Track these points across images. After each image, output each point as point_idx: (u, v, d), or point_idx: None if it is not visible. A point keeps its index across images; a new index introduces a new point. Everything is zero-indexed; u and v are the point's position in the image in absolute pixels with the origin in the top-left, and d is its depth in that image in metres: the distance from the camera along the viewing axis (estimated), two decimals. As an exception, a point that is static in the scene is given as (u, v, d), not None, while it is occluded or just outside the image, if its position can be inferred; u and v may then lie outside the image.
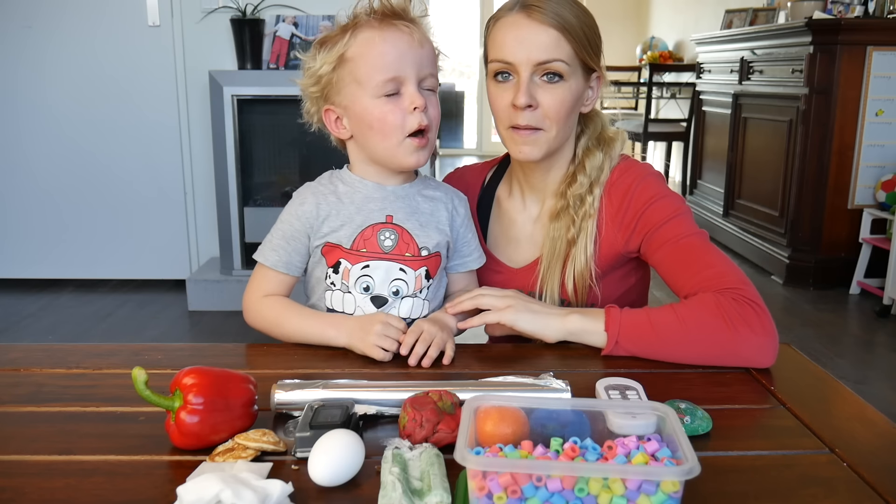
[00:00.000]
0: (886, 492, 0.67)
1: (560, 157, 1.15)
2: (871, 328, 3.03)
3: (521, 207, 1.22)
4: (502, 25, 1.07)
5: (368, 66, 1.01)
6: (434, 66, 1.06)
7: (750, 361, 0.95)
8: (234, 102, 3.04)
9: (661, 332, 0.96)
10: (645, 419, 0.66)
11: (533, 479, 0.56)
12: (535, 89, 1.05)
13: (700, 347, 0.95)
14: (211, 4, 3.16)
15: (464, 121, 8.65)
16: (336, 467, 0.66)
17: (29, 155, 3.32)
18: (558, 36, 1.04)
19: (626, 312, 0.99)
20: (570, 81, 1.06)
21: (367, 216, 1.06)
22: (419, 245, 1.07)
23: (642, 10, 7.17)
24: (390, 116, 1.01)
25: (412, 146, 1.03)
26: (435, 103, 1.05)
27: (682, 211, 1.08)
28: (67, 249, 3.41)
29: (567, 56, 1.04)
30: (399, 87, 1.01)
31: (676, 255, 1.05)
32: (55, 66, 3.24)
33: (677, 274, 1.05)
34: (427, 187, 1.13)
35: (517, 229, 1.22)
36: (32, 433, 0.77)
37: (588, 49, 1.06)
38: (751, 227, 3.91)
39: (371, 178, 1.09)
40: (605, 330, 0.97)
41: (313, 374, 0.92)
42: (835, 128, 3.33)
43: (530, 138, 1.08)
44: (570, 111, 1.08)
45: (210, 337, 2.84)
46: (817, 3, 3.66)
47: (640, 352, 0.97)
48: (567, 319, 1.00)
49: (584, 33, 1.06)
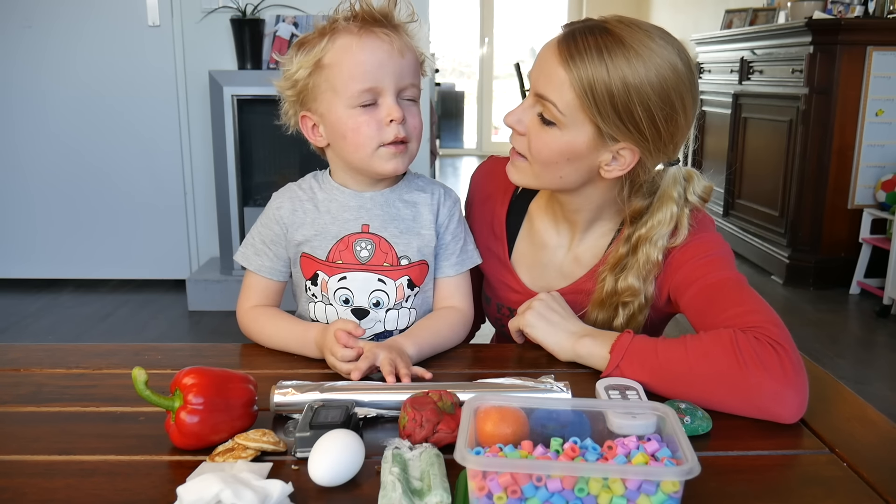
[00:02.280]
0: (886, 492, 0.67)
1: (585, 203, 1.05)
2: (871, 328, 3.03)
3: (553, 231, 1.12)
4: (545, 46, 0.98)
5: (345, 75, 0.96)
6: (416, 75, 1.01)
7: (766, 412, 0.81)
8: (234, 102, 3.04)
9: (665, 362, 0.87)
10: (645, 419, 0.66)
11: (533, 479, 0.56)
12: (531, 119, 0.98)
13: (706, 386, 0.84)
14: (211, 4, 3.16)
15: (464, 121, 8.66)
16: (336, 467, 0.66)
17: (29, 155, 3.32)
18: (565, 80, 0.92)
19: (636, 339, 0.90)
20: (564, 132, 0.95)
21: (342, 226, 1.03)
22: (398, 254, 1.03)
23: (642, 10, 7.17)
24: (364, 128, 0.97)
25: (388, 153, 0.99)
26: (415, 113, 1.01)
27: (719, 252, 0.98)
28: (67, 249, 3.41)
29: (564, 105, 0.93)
30: (376, 97, 0.97)
31: (705, 294, 0.94)
32: (55, 66, 3.23)
33: (703, 315, 0.93)
34: (411, 189, 1.07)
35: (548, 254, 1.12)
36: (32, 433, 0.77)
37: (612, 114, 0.92)
38: (751, 227, 3.91)
39: (350, 186, 1.05)
40: (609, 353, 0.90)
41: (313, 375, 0.92)
42: (835, 128, 3.33)
43: (516, 162, 1.03)
44: (557, 161, 0.97)
45: (210, 337, 2.85)
46: (817, 3, 3.66)
47: (643, 380, 0.87)
48: (579, 343, 0.94)
49: (615, 96, 0.91)
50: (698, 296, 0.95)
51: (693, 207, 1.01)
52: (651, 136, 0.94)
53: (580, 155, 0.96)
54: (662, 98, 0.92)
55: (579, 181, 1.00)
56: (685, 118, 0.96)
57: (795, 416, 0.81)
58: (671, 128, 0.94)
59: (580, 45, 0.92)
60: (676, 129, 0.96)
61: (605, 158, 0.97)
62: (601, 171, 0.98)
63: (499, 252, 1.15)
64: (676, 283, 0.99)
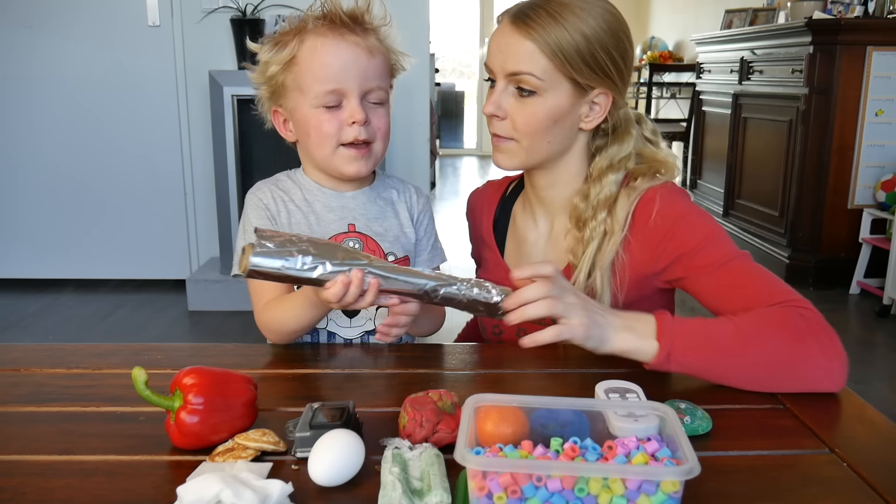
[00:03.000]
0: (886, 492, 0.67)
1: (562, 171, 1.09)
2: (871, 328, 3.03)
3: (532, 224, 1.16)
4: (496, 30, 1.03)
5: (310, 76, 0.99)
6: (384, 77, 1.03)
7: (817, 386, 0.86)
8: (234, 102, 3.04)
9: (716, 343, 0.86)
10: (646, 422, 0.66)
11: (533, 479, 0.56)
12: (509, 100, 1.01)
13: (762, 366, 0.86)
14: (211, 4, 3.17)
15: (464, 121, 8.66)
16: (336, 467, 0.66)
17: (29, 155, 3.32)
18: (534, 49, 0.97)
19: (678, 320, 0.88)
20: (546, 97, 1.00)
21: (327, 227, 1.05)
22: (385, 251, 1.06)
23: (642, 10, 7.17)
24: (325, 126, 0.99)
25: (348, 155, 1.01)
26: (381, 115, 1.02)
27: (717, 233, 0.99)
28: (67, 249, 3.41)
29: (540, 71, 0.98)
30: (341, 99, 0.99)
31: (722, 279, 0.95)
32: (55, 66, 3.24)
33: (725, 297, 0.94)
34: (387, 188, 1.11)
35: (529, 246, 1.16)
36: (32, 433, 0.77)
37: (584, 66, 0.99)
38: (751, 227, 3.92)
39: (326, 184, 1.07)
40: (657, 339, 0.86)
41: (313, 376, 0.92)
42: (835, 128, 3.33)
43: (501, 146, 1.05)
44: (545, 126, 1.02)
45: (210, 337, 2.84)
46: (817, 3, 3.66)
47: (694, 369, 0.87)
48: (620, 338, 0.88)
49: (581, 50, 0.98)
50: (715, 280, 0.96)
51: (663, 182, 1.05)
52: (616, 75, 1.02)
53: (564, 113, 1.02)
54: (613, 36, 1.01)
55: (564, 141, 1.06)
56: (632, 50, 1.06)
57: (840, 387, 0.87)
58: (627, 62, 1.04)
59: (533, 17, 0.98)
60: (630, 63, 1.05)
61: (584, 110, 1.04)
62: (582, 123, 1.05)
63: (492, 259, 1.19)
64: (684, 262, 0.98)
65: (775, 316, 0.88)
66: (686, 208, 1.01)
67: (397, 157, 3.37)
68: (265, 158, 3.20)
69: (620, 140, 1.07)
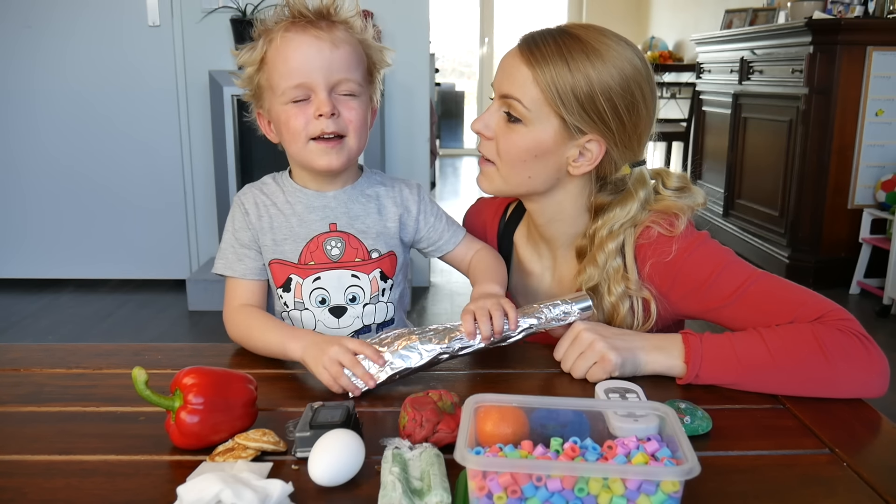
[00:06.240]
0: (886, 492, 0.67)
1: (556, 210, 1.05)
2: (871, 328, 3.00)
3: (536, 258, 1.14)
4: (507, 54, 1.00)
5: (276, 74, 0.99)
6: (353, 69, 1.01)
7: (854, 396, 0.88)
8: (234, 102, 3.04)
9: (746, 361, 0.88)
10: (646, 422, 0.66)
11: (533, 479, 0.56)
12: (498, 122, 1.00)
13: (791, 380, 0.87)
14: (211, 4, 3.16)
15: (464, 121, 8.65)
16: (336, 467, 0.66)
17: (29, 155, 3.32)
18: (529, 78, 0.95)
19: (707, 341, 0.90)
20: (531, 128, 0.97)
21: (309, 228, 1.05)
22: (368, 248, 1.05)
23: (642, 10, 7.17)
24: (293, 121, 0.99)
25: (318, 149, 1.00)
26: (353, 107, 1.01)
27: (726, 262, 0.96)
28: (67, 249, 3.41)
29: (529, 100, 0.95)
30: (309, 93, 0.99)
31: (745, 308, 0.93)
32: (55, 66, 3.23)
33: (755, 324, 0.92)
34: (372, 184, 1.10)
35: (535, 282, 1.14)
36: (33, 433, 0.77)
37: (577, 108, 0.94)
38: (751, 227, 3.91)
39: (310, 185, 1.07)
40: (685, 362, 0.89)
41: (313, 376, 0.92)
42: (835, 128, 3.33)
43: (483, 168, 1.04)
44: (524, 158, 0.98)
45: (210, 337, 2.85)
46: (817, 3, 3.66)
47: (723, 385, 0.89)
48: (651, 358, 0.91)
49: (579, 91, 0.94)
50: (743, 308, 0.93)
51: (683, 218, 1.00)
52: (615, 126, 0.96)
53: (547, 150, 0.98)
54: (623, 88, 0.95)
55: (548, 181, 1.01)
56: (646, 109, 0.99)
57: (880, 394, 0.87)
58: (633, 118, 0.97)
59: (541, 46, 0.96)
60: (639, 120, 0.98)
61: (573, 154, 0.99)
62: (570, 168, 1.00)
63: None
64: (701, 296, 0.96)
65: (808, 335, 0.87)
66: (689, 243, 0.97)
67: (397, 157, 3.37)
68: (265, 158, 3.19)
69: (623, 202, 1.01)
